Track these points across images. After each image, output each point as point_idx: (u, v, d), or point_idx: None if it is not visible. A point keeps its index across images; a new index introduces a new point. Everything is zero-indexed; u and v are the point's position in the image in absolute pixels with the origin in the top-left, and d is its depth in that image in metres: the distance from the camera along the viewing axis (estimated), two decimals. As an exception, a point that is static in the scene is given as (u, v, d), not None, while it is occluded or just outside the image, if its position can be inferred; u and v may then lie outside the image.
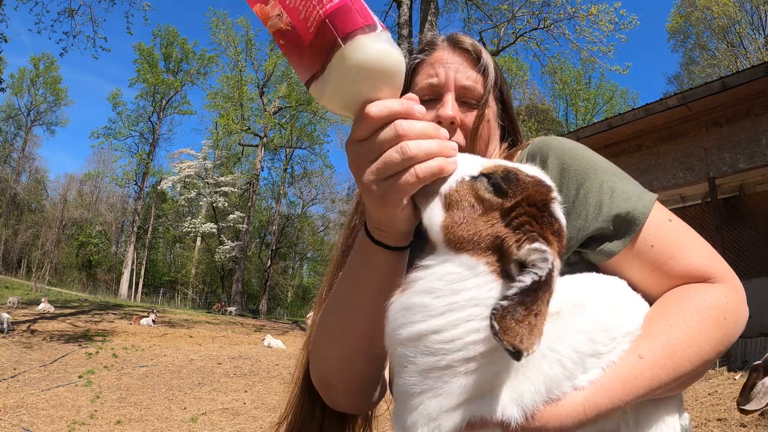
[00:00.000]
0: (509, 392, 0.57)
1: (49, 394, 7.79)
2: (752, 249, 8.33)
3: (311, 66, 0.61)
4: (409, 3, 14.23)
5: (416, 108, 0.62)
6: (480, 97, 0.94)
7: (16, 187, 43.65)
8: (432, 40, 1.01)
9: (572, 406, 0.60)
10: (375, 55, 0.59)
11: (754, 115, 7.44)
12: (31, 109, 43.08)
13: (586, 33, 13.87)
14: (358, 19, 0.58)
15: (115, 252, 45.91)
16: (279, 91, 32.19)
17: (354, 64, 0.58)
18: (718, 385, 6.24)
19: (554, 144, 0.86)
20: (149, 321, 16.83)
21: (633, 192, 0.78)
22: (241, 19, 32.15)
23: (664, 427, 0.66)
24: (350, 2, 0.58)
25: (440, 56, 0.97)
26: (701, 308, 0.69)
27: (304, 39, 0.59)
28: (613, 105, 35.18)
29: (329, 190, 39.78)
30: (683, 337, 0.66)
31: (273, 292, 39.44)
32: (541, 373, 0.58)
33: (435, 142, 0.61)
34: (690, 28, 31.43)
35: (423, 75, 0.97)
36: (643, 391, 0.63)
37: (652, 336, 0.65)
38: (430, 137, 0.61)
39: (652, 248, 0.74)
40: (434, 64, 0.97)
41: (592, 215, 0.77)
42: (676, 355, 0.65)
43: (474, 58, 0.96)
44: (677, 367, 0.65)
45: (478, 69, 0.96)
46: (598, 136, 8.80)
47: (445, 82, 0.94)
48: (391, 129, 0.60)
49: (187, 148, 32.16)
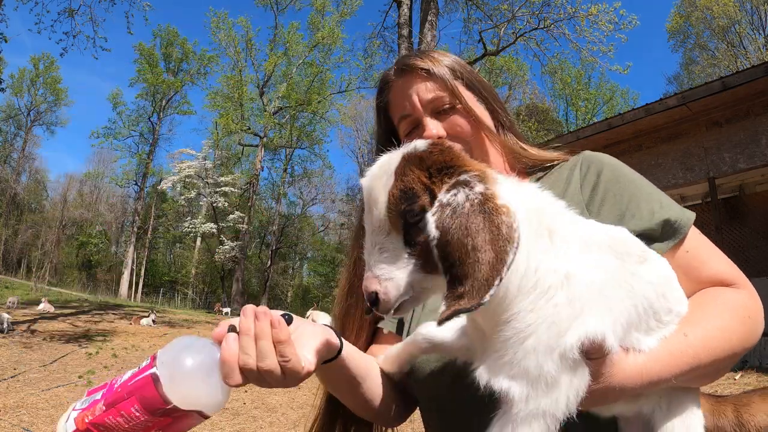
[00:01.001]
0: (605, 321, 0.60)
1: (49, 394, 7.80)
2: (752, 249, 8.33)
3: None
4: (409, 3, 14.22)
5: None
6: (452, 99, 0.99)
7: (16, 187, 43.65)
8: (384, 77, 1.07)
9: (635, 366, 0.66)
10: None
11: (754, 115, 7.44)
12: (31, 109, 43.12)
13: (586, 33, 13.87)
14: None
15: (115, 252, 45.93)
16: (279, 91, 32.18)
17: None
18: (718, 385, 6.24)
19: (606, 160, 0.96)
20: (149, 321, 16.82)
21: (677, 206, 0.89)
22: (241, 19, 32.17)
23: (692, 415, 0.72)
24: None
25: (398, 89, 1.03)
26: (731, 306, 0.77)
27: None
28: (613, 105, 35.18)
29: (329, 190, 39.85)
30: (718, 328, 0.74)
31: (273, 292, 39.44)
32: (624, 309, 0.63)
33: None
34: (690, 28, 31.45)
35: (395, 113, 1.04)
36: (686, 368, 0.69)
37: (693, 322, 0.73)
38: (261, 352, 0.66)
39: (687, 253, 0.85)
40: (397, 98, 1.03)
41: (646, 218, 0.86)
42: (713, 342, 0.72)
43: (425, 69, 1.00)
44: (712, 352, 0.72)
45: (432, 77, 1.00)
46: (598, 136, 8.81)
47: (414, 109, 1.00)
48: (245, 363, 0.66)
49: (187, 148, 32.11)
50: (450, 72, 1.00)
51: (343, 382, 0.85)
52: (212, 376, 0.64)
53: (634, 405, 0.71)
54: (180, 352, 0.64)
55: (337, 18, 30.47)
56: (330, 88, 32.03)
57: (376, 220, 0.63)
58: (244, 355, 0.64)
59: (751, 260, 8.13)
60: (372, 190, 0.64)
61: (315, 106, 30.49)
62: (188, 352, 0.64)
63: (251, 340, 0.65)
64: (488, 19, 15.53)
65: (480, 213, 0.56)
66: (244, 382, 0.65)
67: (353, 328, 1.01)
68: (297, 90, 31.76)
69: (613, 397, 0.67)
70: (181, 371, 0.62)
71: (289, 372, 0.66)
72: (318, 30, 30.80)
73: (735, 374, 6.54)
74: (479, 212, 0.56)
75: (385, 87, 1.06)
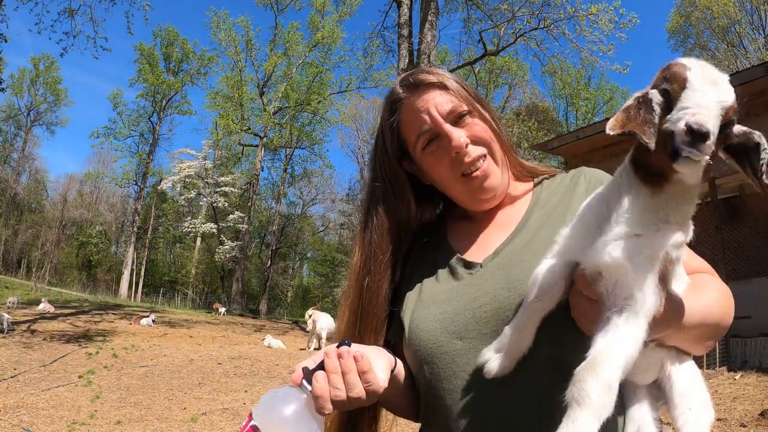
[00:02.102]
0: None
1: (49, 394, 7.80)
2: (752, 249, 8.33)
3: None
4: (409, 3, 14.23)
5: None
6: (468, 106, 1.01)
7: (16, 187, 43.68)
8: (395, 97, 1.05)
9: (676, 295, 0.76)
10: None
11: (754, 115, 7.44)
12: (31, 109, 43.14)
13: (586, 33, 13.85)
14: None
15: (115, 252, 45.96)
16: (279, 91, 32.21)
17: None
18: (718, 385, 6.24)
19: (590, 171, 1.07)
20: (149, 321, 16.83)
21: None
22: (242, 19, 32.20)
23: (695, 369, 0.84)
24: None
25: (411, 106, 1.02)
26: (716, 285, 0.89)
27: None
28: (613, 105, 35.20)
29: (329, 190, 39.83)
30: (712, 298, 0.85)
31: (273, 292, 39.45)
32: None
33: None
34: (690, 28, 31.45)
35: (411, 132, 1.03)
36: (697, 321, 0.79)
37: (695, 288, 0.83)
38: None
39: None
40: (412, 116, 1.02)
41: None
42: (712, 306, 0.84)
43: (437, 83, 1.01)
44: (711, 314, 0.83)
45: (445, 88, 1.01)
46: (598, 136, 8.80)
47: (434, 123, 0.99)
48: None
49: (187, 148, 32.12)
50: (459, 84, 1.03)
51: (397, 389, 0.95)
52: (303, 418, 0.76)
53: (655, 363, 0.81)
54: (271, 404, 0.77)
55: (337, 18, 30.51)
56: (330, 88, 32.10)
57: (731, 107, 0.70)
58: (335, 389, 0.77)
59: (751, 260, 8.13)
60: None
61: (315, 106, 30.54)
62: (276, 402, 0.77)
63: (339, 377, 0.78)
64: (488, 19, 15.53)
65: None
66: (335, 410, 0.78)
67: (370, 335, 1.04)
68: (297, 90, 31.79)
69: (659, 326, 0.72)
70: (277, 420, 0.75)
71: (371, 393, 0.79)
72: (318, 30, 30.82)
73: (735, 374, 6.54)
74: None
75: (395, 105, 1.05)
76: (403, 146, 1.06)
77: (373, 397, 0.80)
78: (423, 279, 1.03)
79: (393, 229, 1.05)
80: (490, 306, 0.90)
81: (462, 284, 0.97)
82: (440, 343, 0.92)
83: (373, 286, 1.02)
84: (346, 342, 0.83)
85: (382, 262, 1.03)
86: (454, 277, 0.99)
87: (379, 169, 1.08)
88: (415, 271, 1.06)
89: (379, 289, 1.02)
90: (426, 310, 0.96)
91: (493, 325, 0.88)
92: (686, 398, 0.78)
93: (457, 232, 1.08)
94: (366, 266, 1.04)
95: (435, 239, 1.10)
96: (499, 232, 1.02)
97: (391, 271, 1.04)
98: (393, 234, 1.05)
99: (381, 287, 1.02)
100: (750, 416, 4.98)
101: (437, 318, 0.94)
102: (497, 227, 1.04)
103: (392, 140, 1.06)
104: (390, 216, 1.05)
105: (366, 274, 1.03)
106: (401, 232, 1.06)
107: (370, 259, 1.03)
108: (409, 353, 0.97)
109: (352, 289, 1.05)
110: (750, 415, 5.02)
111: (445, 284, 0.99)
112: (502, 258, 0.96)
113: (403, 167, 1.07)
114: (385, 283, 1.03)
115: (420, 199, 1.10)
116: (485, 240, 1.03)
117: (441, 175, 1.02)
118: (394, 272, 1.05)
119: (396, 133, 1.05)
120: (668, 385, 0.80)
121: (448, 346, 0.91)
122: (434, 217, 1.17)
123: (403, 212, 1.06)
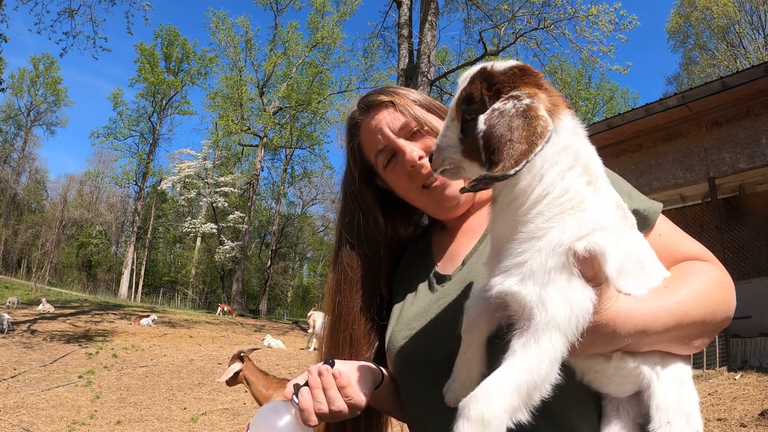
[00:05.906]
0: (612, 248, 0.68)
1: (49, 394, 7.80)
2: (752, 249, 8.32)
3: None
4: (409, 3, 14.22)
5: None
6: (421, 122, 1.03)
7: (16, 187, 43.67)
8: (352, 121, 1.10)
9: (626, 307, 0.71)
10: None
11: (754, 115, 7.44)
12: (31, 109, 43.12)
13: (586, 33, 13.84)
14: None
15: (115, 252, 45.94)
16: (279, 91, 32.18)
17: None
18: (718, 385, 6.24)
19: None
20: (149, 321, 16.82)
21: (645, 198, 0.96)
22: (241, 20, 32.16)
23: (683, 371, 0.78)
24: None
25: (367, 127, 1.06)
26: (707, 273, 0.84)
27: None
28: (613, 105, 35.21)
29: (329, 190, 39.75)
30: (698, 290, 0.80)
31: (273, 292, 39.45)
32: (622, 253, 0.71)
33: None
34: (690, 28, 31.43)
35: (370, 152, 1.06)
36: (672, 322, 0.74)
37: (676, 280, 0.80)
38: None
39: (660, 237, 0.92)
40: (368, 136, 1.05)
41: None
42: (695, 300, 0.78)
43: (388, 102, 1.04)
44: (694, 310, 0.77)
45: (395, 106, 1.04)
46: (598, 136, 8.79)
47: (388, 140, 1.03)
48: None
49: (187, 148, 32.15)
50: (411, 100, 1.04)
51: (390, 396, 1.01)
52: (293, 429, 0.85)
53: (629, 373, 0.75)
54: (267, 415, 0.87)
55: (337, 18, 30.48)
56: (330, 88, 32.04)
57: (450, 109, 0.77)
58: (317, 403, 0.85)
59: (751, 260, 8.13)
60: (457, 87, 0.78)
61: (315, 106, 30.48)
62: (271, 414, 0.87)
63: (321, 392, 0.86)
64: (488, 19, 15.52)
65: (521, 117, 0.65)
66: (320, 422, 0.85)
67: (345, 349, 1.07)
68: (297, 90, 31.74)
69: (606, 339, 0.70)
70: (270, 430, 0.85)
71: (352, 407, 0.86)
72: (318, 30, 30.80)
73: (735, 374, 6.54)
74: (521, 116, 0.65)
75: (354, 129, 1.09)
76: (368, 166, 1.09)
77: (355, 410, 0.86)
78: (407, 294, 1.05)
79: (361, 246, 1.08)
80: (455, 321, 0.86)
81: (435, 298, 0.99)
82: (412, 359, 0.95)
83: (345, 303, 1.06)
84: (330, 361, 0.91)
85: (352, 280, 1.07)
86: (431, 290, 1.01)
87: (346, 189, 1.12)
88: (401, 285, 1.09)
89: (350, 306, 1.05)
90: (400, 328, 1.00)
91: (459, 341, 0.85)
92: (663, 412, 0.72)
93: (438, 243, 1.10)
94: (337, 284, 1.08)
95: (420, 250, 1.12)
96: (469, 240, 1.03)
97: (364, 287, 1.07)
98: (361, 251, 1.08)
99: (353, 304, 1.06)
100: (750, 416, 4.98)
101: (408, 335, 0.97)
102: (468, 235, 1.04)
103: (356, 162, 1.10)
104: (358, 233, 1.09)
105: (337, 293, 1.07)
106: (371, 249, 1.09)
107: (341, 277, 1.07)
108: (390, 366, 1.01)
109: (327, 307, 1.09)
110: (750, 415, 5.01)
111: (422, 300, 1.01)
112: (468, 268, 0.97)
113: (377, 184, 1.11)
114: (358, 300, 1.06)
115: (401, 213, 1.13)
116: (456, 250, 1.04)
117: (403, 189, 1.05)
118: (372, 287, 1.08)
119: (359, 154, 1.09)
120: (647, 395, 0.74)
121: (417, 362, 0.94)
122: (417, 229, 1.18)
123: (371, 228, 1.09)
